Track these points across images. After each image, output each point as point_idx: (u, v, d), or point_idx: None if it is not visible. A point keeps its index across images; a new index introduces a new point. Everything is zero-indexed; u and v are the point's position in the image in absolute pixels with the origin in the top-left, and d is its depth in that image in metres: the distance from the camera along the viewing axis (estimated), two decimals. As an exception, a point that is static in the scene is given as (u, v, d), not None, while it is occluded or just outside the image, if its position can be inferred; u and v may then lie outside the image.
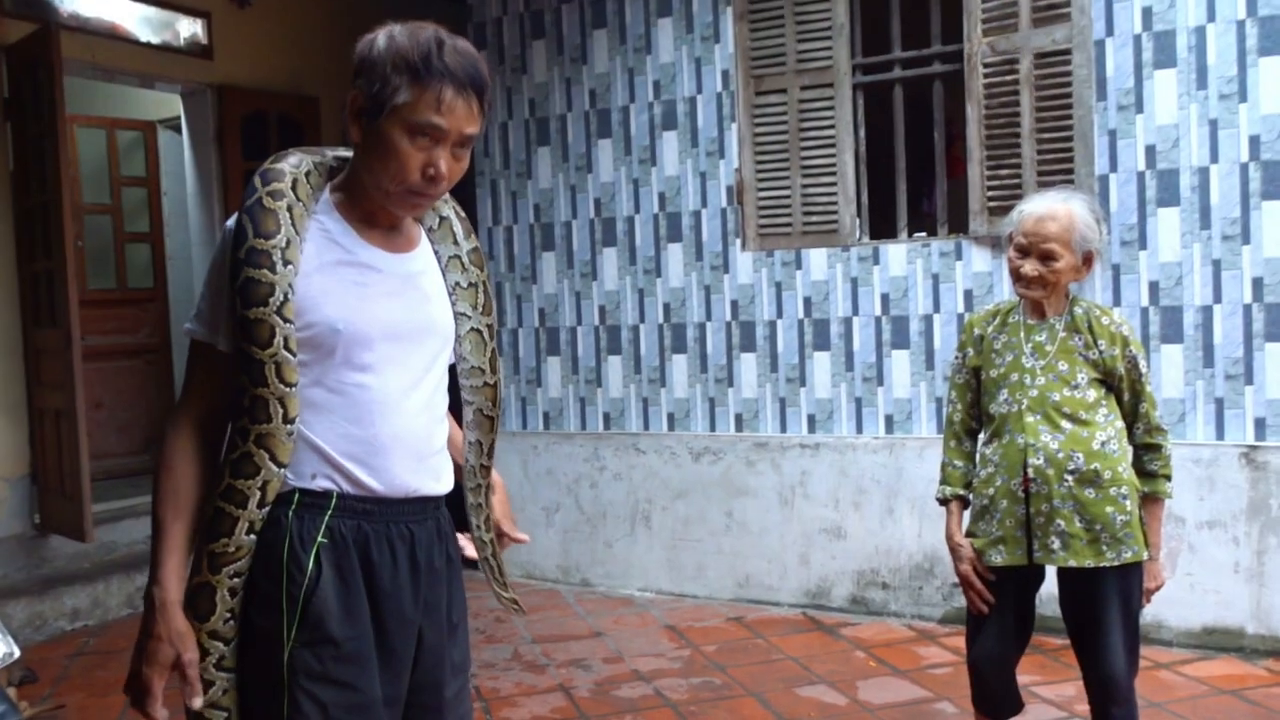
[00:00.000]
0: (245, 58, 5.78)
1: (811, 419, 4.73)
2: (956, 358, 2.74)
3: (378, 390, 1.58)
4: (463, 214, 1.78)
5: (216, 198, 5.80)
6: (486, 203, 5.44)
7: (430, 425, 1.66)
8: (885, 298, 4.56)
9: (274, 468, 1.53)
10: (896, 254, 4.54)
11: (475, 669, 4.04)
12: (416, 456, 1.63)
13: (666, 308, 5.01)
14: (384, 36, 1.55)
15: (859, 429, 4.63)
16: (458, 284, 1.73)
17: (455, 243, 1.74)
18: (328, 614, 1.53)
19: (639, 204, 5.06)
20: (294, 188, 1.57)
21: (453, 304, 1.73)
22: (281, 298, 1.50)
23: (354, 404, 1.57)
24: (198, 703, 1.53)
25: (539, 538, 5.26)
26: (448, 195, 1.74)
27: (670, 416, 5.03)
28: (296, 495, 1.56)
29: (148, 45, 5.38)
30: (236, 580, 1.55)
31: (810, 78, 4.63)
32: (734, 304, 4.86)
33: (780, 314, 4.77)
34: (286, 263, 1.52)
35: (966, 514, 2.69)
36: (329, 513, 1.56)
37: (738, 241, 4.83)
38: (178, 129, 6.09)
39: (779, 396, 4.79)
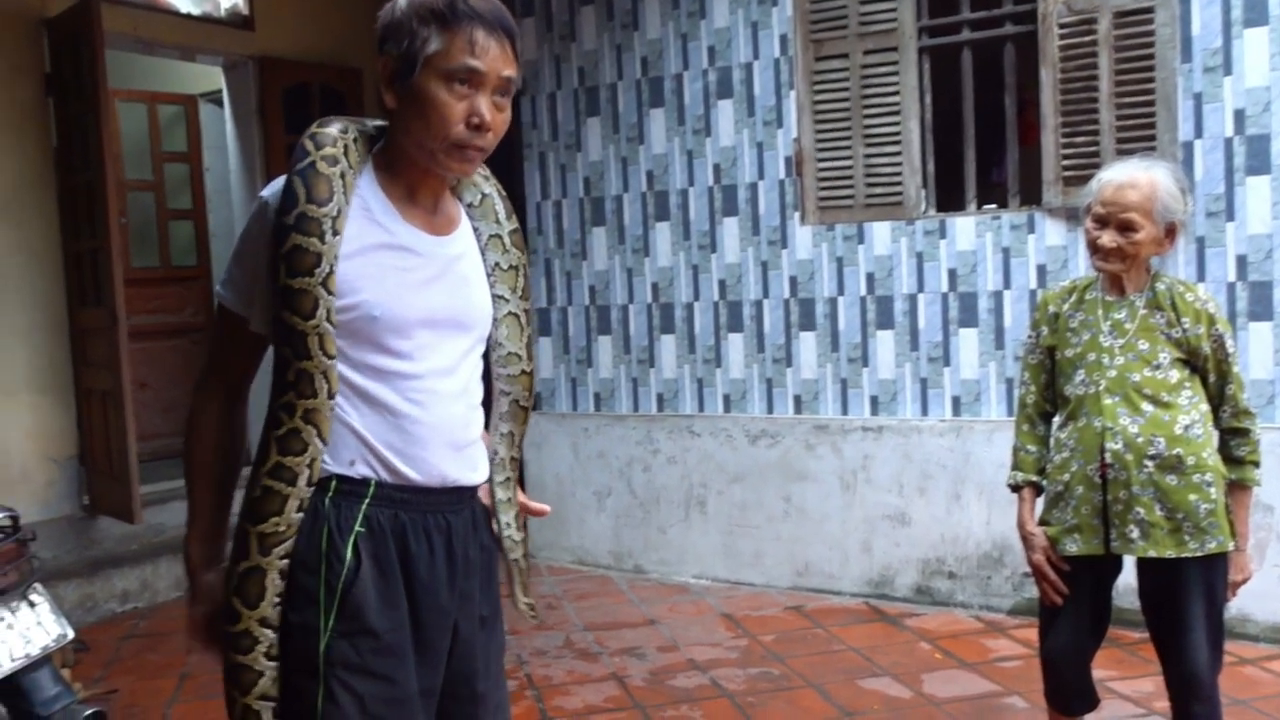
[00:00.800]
0: (287, 28, 5.85)
1: (874, 400, 4.71)
2: (1030, 337, 2.72)
3: (415, 378, 1.60)
4: (504, 193, 1.79)
5: (259, 172, 5.89)
6: (534, 176, 5.47)
7: (467, 413, 1.68)
8: (953, 273, 4.52)
9: (320, 444, 1.55)
10: (965, 227, 4.49)
11: (526, 656, 4.10)
12: (454, 446, 1.65)
13: (722, 285, 5.02)
14: None
15: (924, 411, 4.61)
16: (497, 265, 1.74)
17: (497, 221, 1.75)
18: (367, 605, 1.55)
19: (693, 176, 5.06)
20: (345, 154, 1.58)
21: (490, 285, 1.74)
22: (327, 269, 1.51)
23: (392, 391, 1.59)
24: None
25: (590, 523, 5.31)
26: (488, 173, 1.75)
27: (726, 398, 5.04)
28: (334, 482, 1.58)
29: (188, 17, 5.47)
30: (284, 563, 1.56)
31: (873, 41, 4.58)
32: (793, 280, 4.85)
33: (841, 291, 4.75)
34: (335, 233, 1.53)
35: (1040, 501, 2.67)
36: (366, 501, 1.58)
37: (796, 215, 4.81)
38: (219, 102, 6.18)
39: (840, 377, 4.78)
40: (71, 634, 2.74)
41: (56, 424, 4.95)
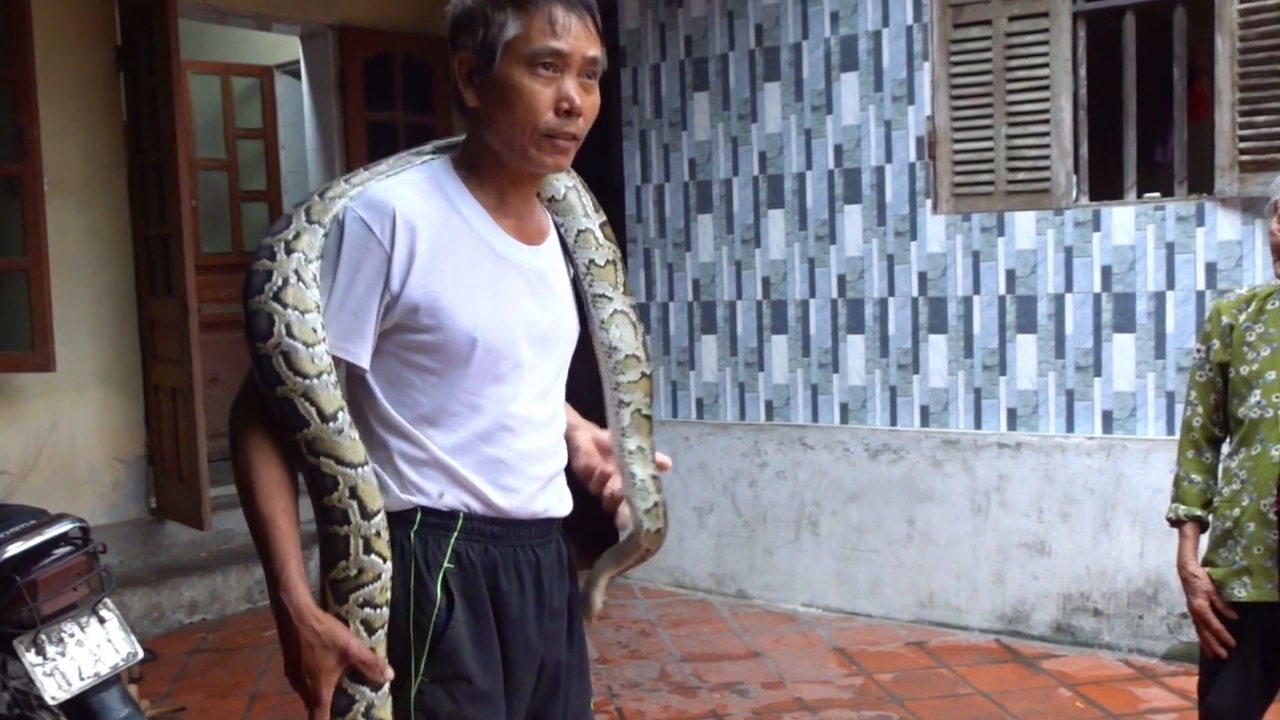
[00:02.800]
0: (369, -7, 6.01)
1: (1012, 413, 4.65)
2: (1198, 351, 2.66)
3: (511, 402, 1.65)
4: (587, 187, 1.83)
5: (337, 151, 6.06)
6: (634, 157, 5.52)
7: (558, 440, 1.73)
8: (1106, 271, 4.43)
9: (348, 470, 1.55)
10: (1122, 218, 4.40)
11: (618, 688, 4.16)
12: (546, 474, 1.70)
13: (841, 280, 5.00)
14: None
15: (1069, 426, 4.54)
16: (592, 262, 1.77)
17: (585, 214, 1.78)
18: (461, 648, 1.59)
19: (811, 158, 5.04)
20: (308, 212, 1.62)
21: (588, 285, 1.78)
22: (279, 283, 1.53)
23: (486, 417, 1.63)
24: (390, 674, 1.58)
25: (689, 542, 5.35)
26: (569, 169, 1.77)
27: (843, 407, 5.02)
28: (419, 515, 1.61)
29: (265, -19, 5.66)
30: (369, 611, 1.56)
31: (1020, 5, 4.52)
32: (922, 276, 4.81)
33: (977, 289, 4.70)
34: (290, 251, 1.56)
35: (1204, 538, 2.61)
36: (455, 535, 1.62)
37: (928, 203, 4.77)
38: (296, 74, 6.38)
39: (973, 386, 4.73)
40: (141, 653, 2.87)
41: (125, 421, 5.18)
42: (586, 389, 1.92)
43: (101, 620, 2.85)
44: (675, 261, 5.44)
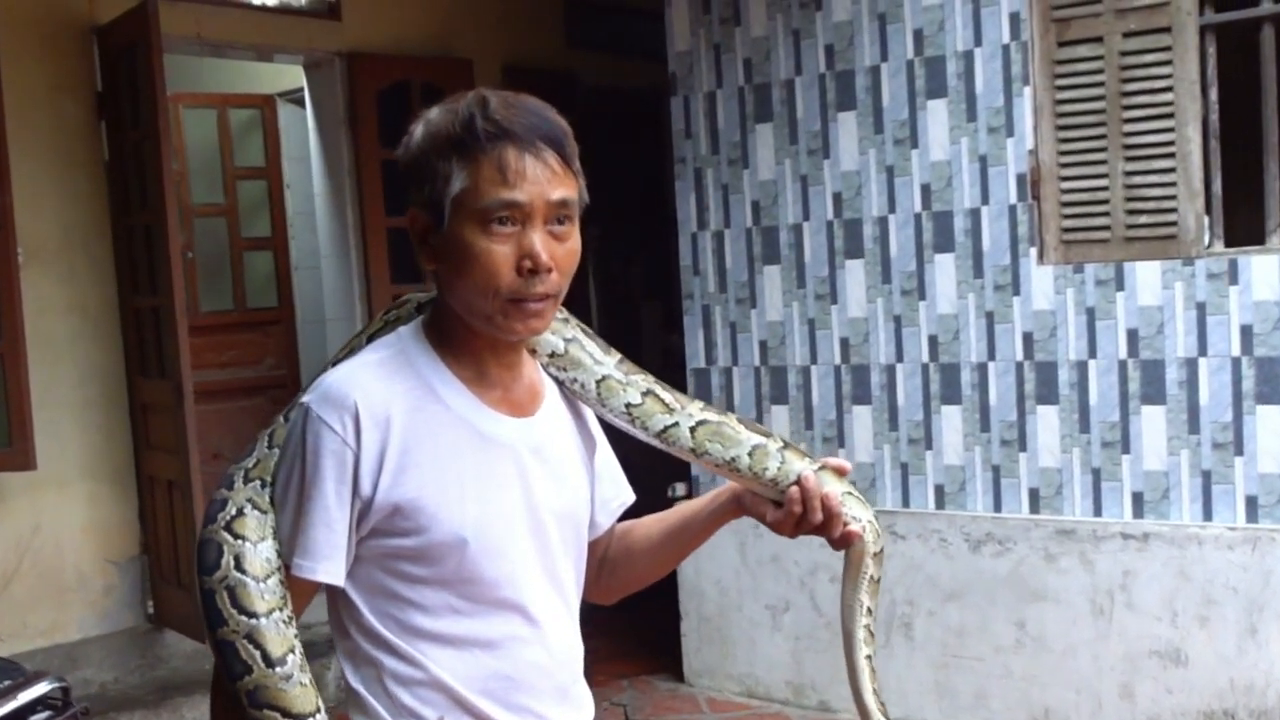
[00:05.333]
0: (381, 16, 6.08)
1: (1137, 498, 4.59)
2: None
3: (517, 607, 1.66)
4: (590, 331, 1.83)
5: (349, 192, 6.13)
6: (689, 200, 5.52)
7: (574, 642, 1.75)
8: (1246, 331, 4.37)
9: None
10: (1264, 268, 4.34)
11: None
12: (561, 687, 1.71)
13: (933, 341, 4.96)
14: (419, 125, 1.64)
15: (1207, 514, 4.47)
16: (629, 405, 1.79)
17: (597, 361, 1.79)
18: None
19: (894, 200, 5.01)
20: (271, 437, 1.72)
21: (641, 429, 1.80)
22: (233, 512, 1.60)
23: (489, 626, 1.64)
24: None
25: (762, 645, 5.33)
26: (567, 315, 1.78)
27: (938, 489, 4.99)
28: None
29: (262, 9, 5.74)
30: None
31: (1137, 19, 4.47)
32: (1027, 338, 4.76)
33: (1093, 352, 4.64)
34: (248, 480, 1.64)
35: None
36: None
37: (1032, 251, 4.73)
38: (301, 101, 6.46)
39: (1091, 466, 4.67)
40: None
41: (116, 518, 5.29)
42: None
43: (86, 795, 2.89)
44: (738, 320, 5.42)
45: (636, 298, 8.51)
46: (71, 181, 5.18)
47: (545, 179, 1.58)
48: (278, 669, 1.54)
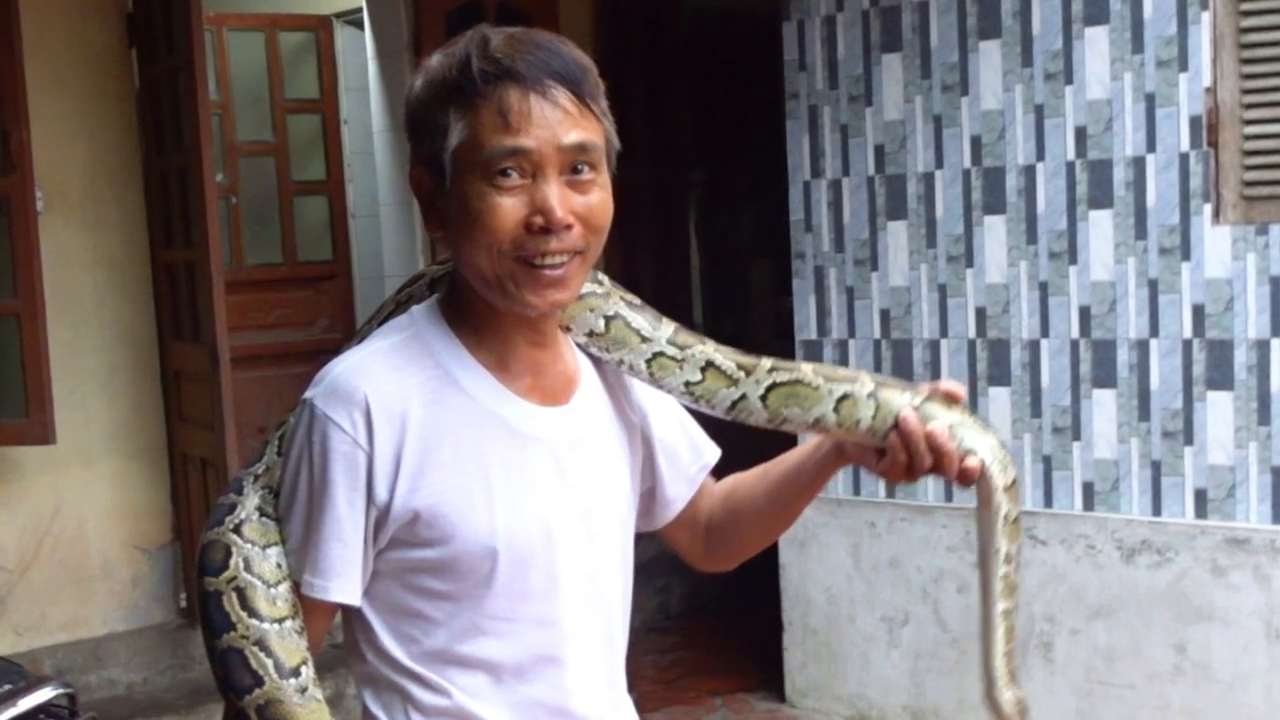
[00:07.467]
0: (452, -77, 6.04)
1: (1327, 505, 4.49)
2: None
3: (552, 624, 1.67)
4: (635, 300, 1.80)
5: (414, 130, 6.11)
6: (801, 143, 5.47)
7: (617, 662, 1.77)
8: None
9: None
10: None
11: None
12: (602, 710, 1.74)
13: (1085, 313, 4.88)
14: (419, 74, 1.65)
15: None
16: (688, 383, 1.75)
17: (644, 339, 1.76)
18: None
19: (1043, 145, 4.93)
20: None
21: (710, 407, 1.77)
22: (240, 517, 1.63)
23: (521, 646, 1.66)
24: None
25: (876, 662, 5.33)
26: (608, 287, 1.76)
27: (1087, 488, 4.91)
28: None
29: (315, -83, 5.75)
30: None
31: (1341, -70, 4.37)
32: (1198, 310, 4.67)
33: (1276, 329, 4.55)
34: (258, 486, 1.69)
35: None
36: None
37: (1206, 208, 4.63)
38: (360, 24, 6.48)
39: (1270, 464, 4.57)
40: None
41: (146, 499, 5.37)
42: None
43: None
44: (857, 285, 5.37)
45: (746, 255, 8.46)
46: (97, 117, 5.22)
47: (556, 121, 1.56)
48: (291, 680, 1.57)
